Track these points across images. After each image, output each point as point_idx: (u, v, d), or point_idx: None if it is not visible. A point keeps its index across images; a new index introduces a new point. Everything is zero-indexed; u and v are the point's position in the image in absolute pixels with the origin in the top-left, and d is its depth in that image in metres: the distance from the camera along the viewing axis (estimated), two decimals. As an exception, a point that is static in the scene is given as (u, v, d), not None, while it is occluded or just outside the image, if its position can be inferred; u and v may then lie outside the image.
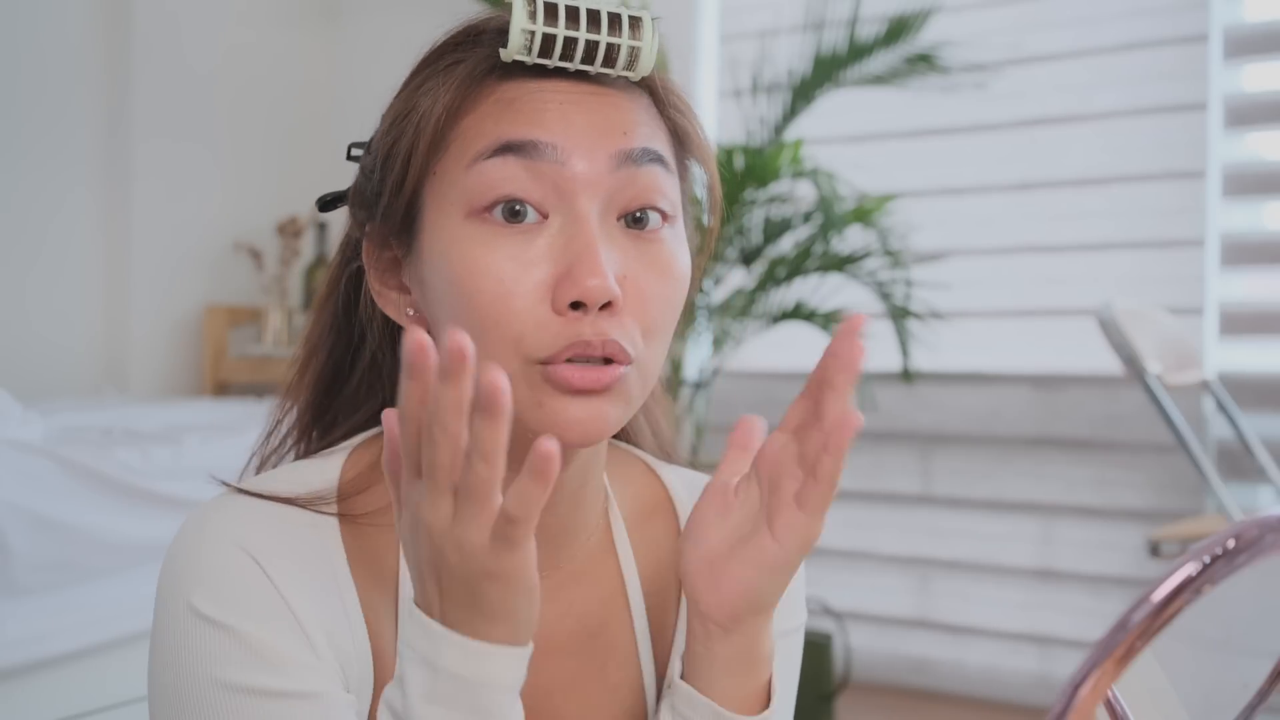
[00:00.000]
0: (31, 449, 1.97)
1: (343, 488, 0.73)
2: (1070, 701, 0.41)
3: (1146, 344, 2.05)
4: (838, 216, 2.69)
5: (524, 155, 0.66)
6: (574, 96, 0.68)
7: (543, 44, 0.66)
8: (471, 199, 0.67)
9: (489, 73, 0.69)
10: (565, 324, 0.65)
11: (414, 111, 0.69)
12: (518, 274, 0.65)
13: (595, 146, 0.67)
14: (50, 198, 3.14)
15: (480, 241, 0.66)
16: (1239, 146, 2.79)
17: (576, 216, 0.66)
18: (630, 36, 0.68)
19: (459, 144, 0.68)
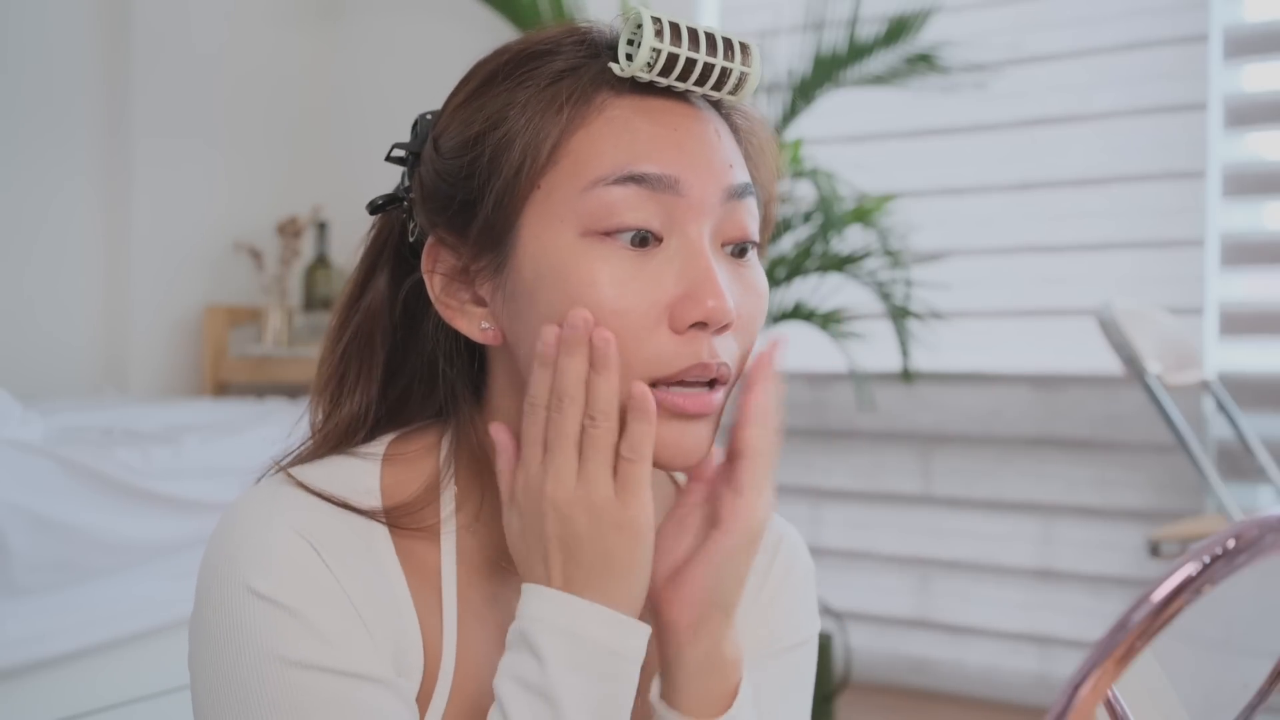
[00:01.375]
0: (31, 449, 1.97)
1: (387, 494, 0.74)
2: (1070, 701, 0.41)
3: (1146, 344, 2.05)
4: (838, 216, 2.69)
5: (647, 186, 0.67)
6: (684, 124, 0.70)
7: (665, 63, 0.68)
8: (590, 221, 0.67)
9: (600, 86, 0.69)
10: (684, 344, 0.68)
11: (516, 122, 0.69)
12: (639, 291, 0.67)
13: (709, 180, 0.69)
14: (50, 197, 3.14)
15: (600, 259, 0.67)
16: (1239, 146, 2.79)
17: (691, 241, 0.68)
18: (742, 62, 0.71)
19: (571, 161, 0.68)
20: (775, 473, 0.71)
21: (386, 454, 0.76)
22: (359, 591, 0.68)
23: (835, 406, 3.20)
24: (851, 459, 3.20)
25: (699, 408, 0.68)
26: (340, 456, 0.76)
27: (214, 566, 0.69)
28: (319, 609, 0.66)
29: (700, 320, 0.67)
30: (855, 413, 3.10)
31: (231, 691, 0.66)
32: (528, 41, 0.72)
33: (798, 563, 0.86)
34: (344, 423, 0.78)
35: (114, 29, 3.25)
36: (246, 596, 0.66)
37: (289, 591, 0.66)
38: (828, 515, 3.23)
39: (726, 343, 0.69)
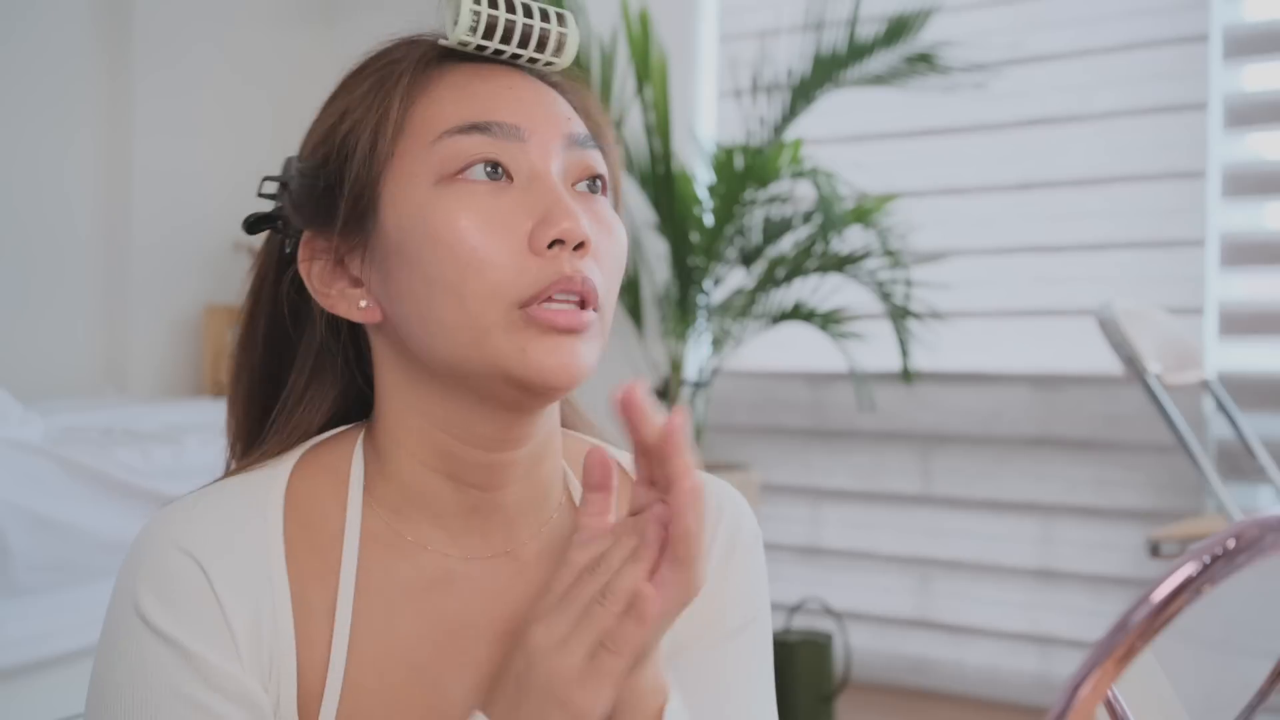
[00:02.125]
0: (31, 449, 1.97)
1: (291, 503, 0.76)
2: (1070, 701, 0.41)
3: (1146, 344, 2.05)
4: (838, 216, 2.69)
5: (490, 134, 0.72)
6: (521, 82, 0.75)
7: (486, 27, 0.73)
8: (442, 167, 0.71)
9: (434, 60, 0.75)
10: (546, 262, 0.70)
11: (362, 107, 0.74)
12: (496, 222, 0.70)
13: (549, 128, 0.73)
14: (51, 197, 3.14)
15: (455, 198, 0.71)
16: (1239, 146, 2.79)
17: (540, 175, 0.72)
18: (559, 25, 0.76)
19: (417, 124, 0.73)
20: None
21: (298, 461, 0.78)
22: (240, 609, 0.71)
23: (835, 406, 3.20)
24: (851, 459, 3.20)
25: (571, 322, 0.70)
26: (250, 470, 0.79)
27: (116, 583, 0.74)
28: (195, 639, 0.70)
29: (557, 238, 0.70)
30: (855, 413, 3.10)
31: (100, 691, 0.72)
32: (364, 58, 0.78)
33: (742, 535, 0.84)
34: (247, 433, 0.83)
35: (115, 29, 3.25)
36: (135, 620, 0.71)
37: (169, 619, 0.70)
38: (828, 515, 3.23)
39: (592, 263, 0.72)
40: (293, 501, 0.76)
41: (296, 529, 0.75)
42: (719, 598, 0.81)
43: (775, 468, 3.27)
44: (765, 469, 3.26)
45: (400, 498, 0.76)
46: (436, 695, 0.74)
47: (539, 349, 0.70)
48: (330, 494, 0.77)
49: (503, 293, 0.70)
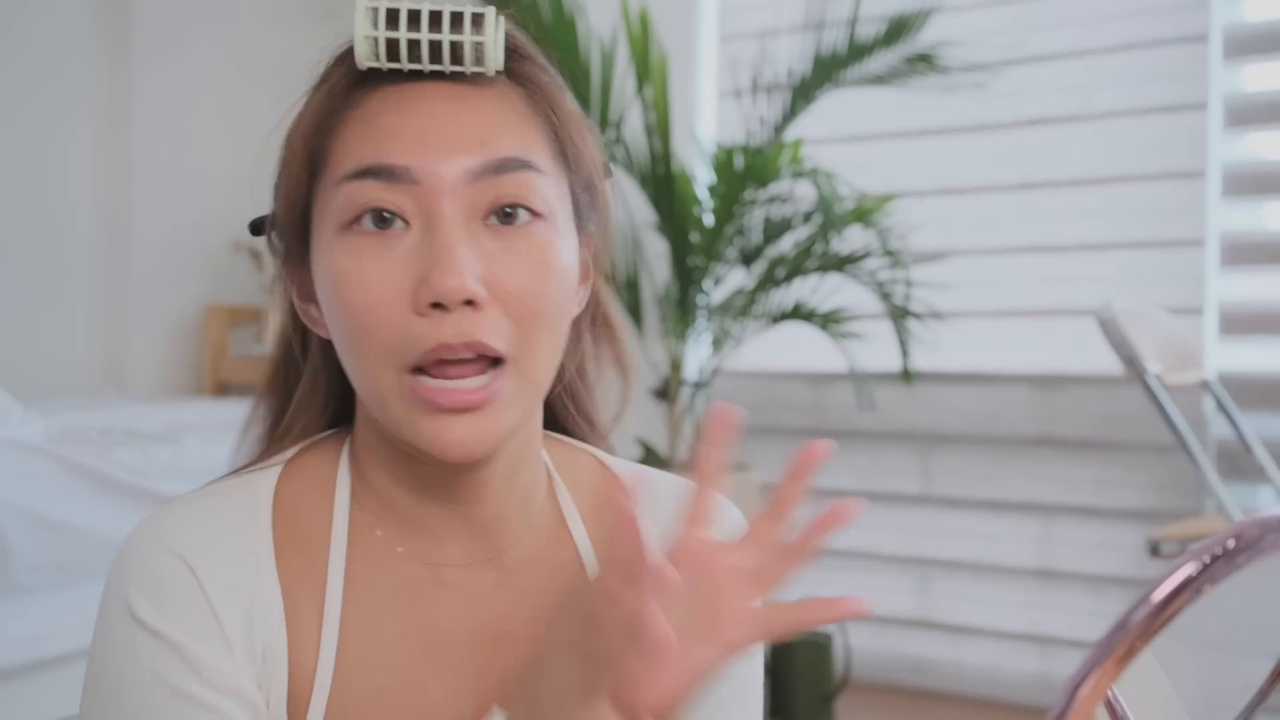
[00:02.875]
0: (31, 449, 1.97)
1: (280, 504, 0.76)
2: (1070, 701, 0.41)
3: (1146, 344, 2.05)
4: (838, 216, 2.69)
5: (380, 179, 0.68)
6: (435, 106, 0.70)
7: (389, 49, 0.70)
8: (340, 215, 0.69)
9: (353, 87, 0.72)
10: (428, 326, 0.67)
11: (292, 138, 0.74)
12: (382, 279, 0.68)
13: (449, 162, 0.68)
14: (50, 197, 3.14)
15: (348, 252, 0.69)
16: (1239, 146, 2.79)
17: (432, 220, 0.68)
18: (473, 32, 0.70)
19: (330, 164, 0.71)
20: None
21: (286, 465, 0.78)
22: (225, 605, 0.70)
23: (835, 406, 3.20)
24: (851, 459, 3.20)
25: (454, 402, 0.67)
26: (241, 473, 0.79)
27: (107, 584, 0.73)
28: (188, 635, 0.69)
29: (435, 300, 0.66)
30: (855, 413, 3.10)
31: (95, 694, 0.71)
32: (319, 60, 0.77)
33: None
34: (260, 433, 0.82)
35: (114, 28, 3.25)
36: (124, 615, 0.70)
37: (157, 615, 0.69)
38: (828, 515, 3.23)
39: (488, 318, 0.67)
40: (281, 505, 0.76)
41: (285, 533, 0.75)
42: None
43: (775, 468, 3.26)
44: (765, 469, 3.26)
45: (379, 505, 0.77)
46: (421, 699, 0.74)
47: (428, 426, 0.68)
48: (317, 499, 0.77)
49: (391, 358, 0.68)
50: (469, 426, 0.68)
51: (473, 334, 0.66)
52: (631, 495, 0.63)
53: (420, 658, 0.75)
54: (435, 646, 0.75)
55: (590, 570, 0.80)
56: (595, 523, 0.82)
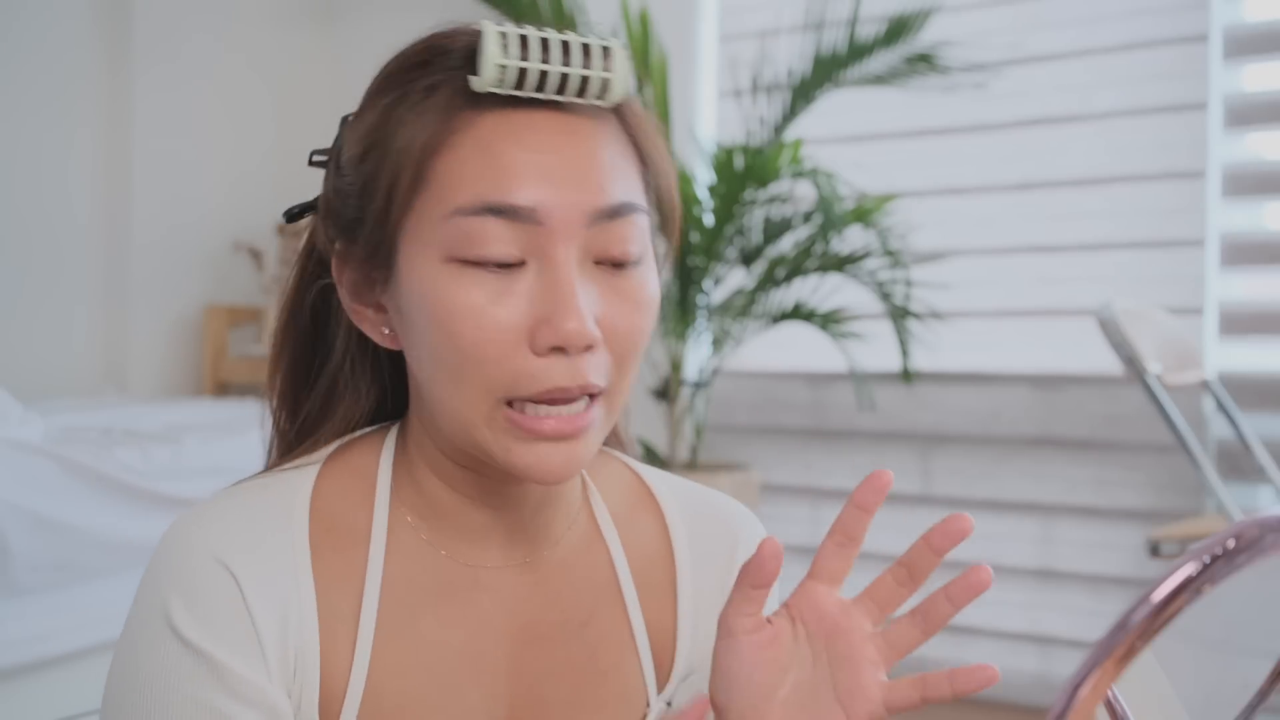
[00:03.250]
0: (31, 449, 1.97)
1: (317, 507, 0.75)
2: (1070, 701, 0.41)
3: (1146, 344, 2.05)
4: (838, 216, 2.69)
5: (506, 217, 0.67)
6: (552, 143, 0.69)
7: (516, 76, 0.67)
8: (451, 247, 0.68)
9: (464, 103, 0.69)
10: (544, 366, 0.67)
11: (390, 143, 0.70)
12: (497, 316, 0.67)
13: (573, 206, 0.68)
14: (50, 197, 3.14)
15: (459, 284, 0.68)
16: (1239, 146, 2.79)
17: (553, 263, 0.68)
18: (603, 67, 0.69)
19: (438, 185, 0.69)
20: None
21: (326, 462, 0.78)
22: (269, 617, 0.70)
23: (835, 406, 3.20)
24: (851, 459, 3.20)
25: (563, 430, 0.68)
26: (280, 469, 0.78)
27: (142, 591, 0.72)
28: (227, 652, 0.69)
29: (558, 345, 0.67)
30: (855, 413, 3.10)
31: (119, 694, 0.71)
32: (405, 53, 0.73)
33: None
34: (287, 430, 0.80)
35: (115, 29, 3.25)
36: (161, 623, 0.70)
37: (202, 631, 0.69)
38: (827, 515, 3.23)
39: (597, 360, 0.69)
40: (319, 503, 0.75)
41: (322, 531, 0.75)
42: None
43: (775, 468, 3.27)
44: (765, 469, 3.26)
45: (425, 506, 0.77)
46: (455, 700, 0.75)
47: (524, 452, 0.69)
48: (359, 497, 0.76)
49: (494, 390, 0.68)
50: (564, 453, 0.69)
51: (585, 377, 0.68)
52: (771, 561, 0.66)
53: (455, 659, 0.75)
54: (470, 648, 0.76)
55: (621, 574, 0.80)
56: (627, 526, 0.83)
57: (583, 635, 0.79)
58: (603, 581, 0.80)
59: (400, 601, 0.75)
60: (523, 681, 0.76)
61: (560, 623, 0.78)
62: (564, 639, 0.78)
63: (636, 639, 0.80)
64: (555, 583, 0.79)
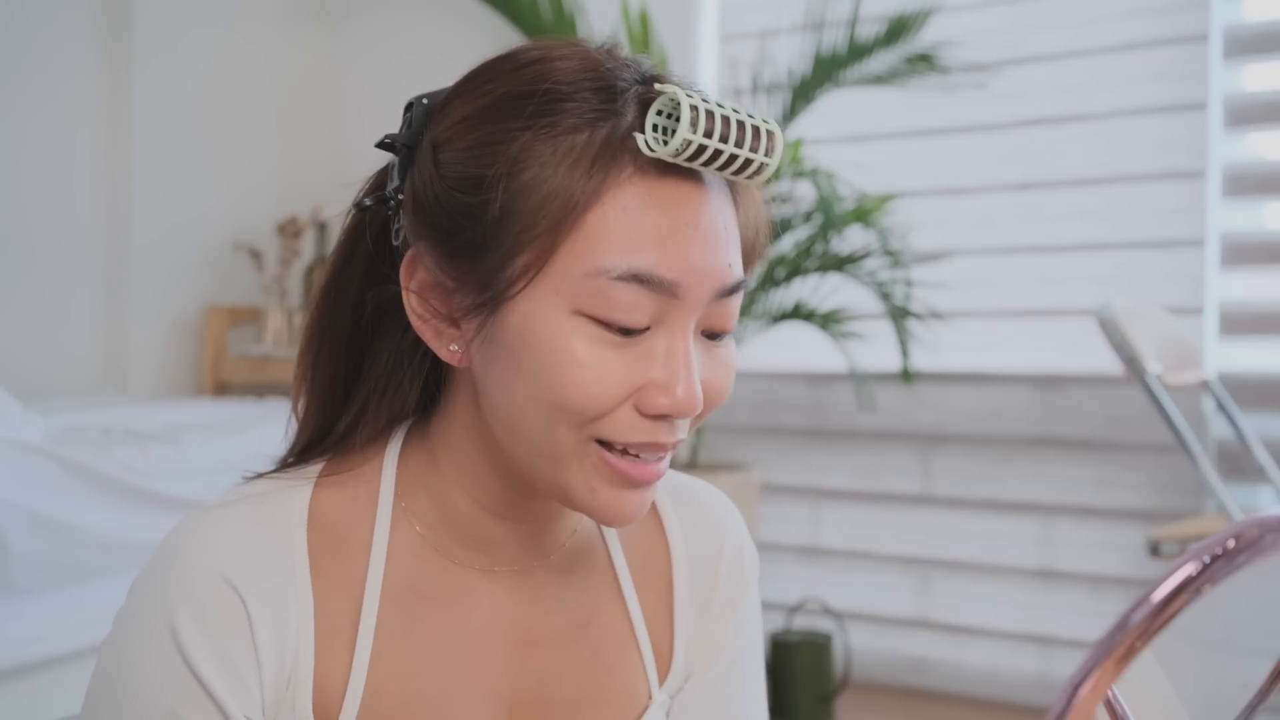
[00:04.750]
0: (31, 449, 1.97)
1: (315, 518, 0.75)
2: (1070, 701, 0.41)
3: (1146, 344, 2.05)
4: (838, 216, 2.69)
5: (647, 288, 0.67)
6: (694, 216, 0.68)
7: (693, 154, 0.66)
8: (586, 304, 0.67)
9: (622, 159, 0.67)
10: (647, 424, 0.69)
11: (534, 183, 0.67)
12: (616, 376, 0.68)
13: (706, 283, 0.69)
14: (50, 197, 3.14)
15: (585, 338, 0.67)
16: (1239, 146, 2.79)
17: (678, 331, 0.69)
18: (765, 152, 0.69)
19: (584, 239, 0.67)
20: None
21: (328, 466, 0.77)
22: (269, 633, 0.70)
23: (835, 406, 3.20)
24: (851, 459, 3.20)
25: (645, 475, 0.70)
26: (284, 474, 0.77)
27: (141, 593, 0.72)
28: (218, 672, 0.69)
29: (668, 413, 0.68)
30: (855, 413, 3.10)
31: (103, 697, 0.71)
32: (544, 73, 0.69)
33: (745, 561, 0.86)
34: (312, 431, 0.78)
35: (114, 30, 3.25)
36: (164, 635, 0.69)
37: (201, 647, 0.69)
38: (828, 515, 3.23)
39: (687, 424, 0.71)
40: (320, 511, 0.75)
41: (323, 538, 0.74)
42: (726, 623, 0.84)
43: (775, 468, 3.27)
44: (765, 469, 3.26)
45: (437, 515, 0.76)
46: (455, 703, 0.75)
47: (607, 495, 0.70)
48: (361, 503, 0.76)
49: (590, 432, 0.68)
50: (641, 499, 0.71)
51: (679, 435, 0.70)
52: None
53: (456, 662, 0.75)
54: (471, 651, 0.76)
55: (620, 571, 0.81)
56: (629, 530, 0.83)
57: (585, 634, 0.79)
58: (603, 580, 0.81)
59: (401, 606, 0.75)
60: (525, 682, 0.77)
61: (563, 623, 0.78)
62: (567, 639, 0.78)
63: (637, 635, 0.81)
64: (557, 584, 0.79)
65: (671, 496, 0.86)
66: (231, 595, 0.70)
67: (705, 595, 0.83)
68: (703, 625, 0.83)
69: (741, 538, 0.87)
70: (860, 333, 2.87)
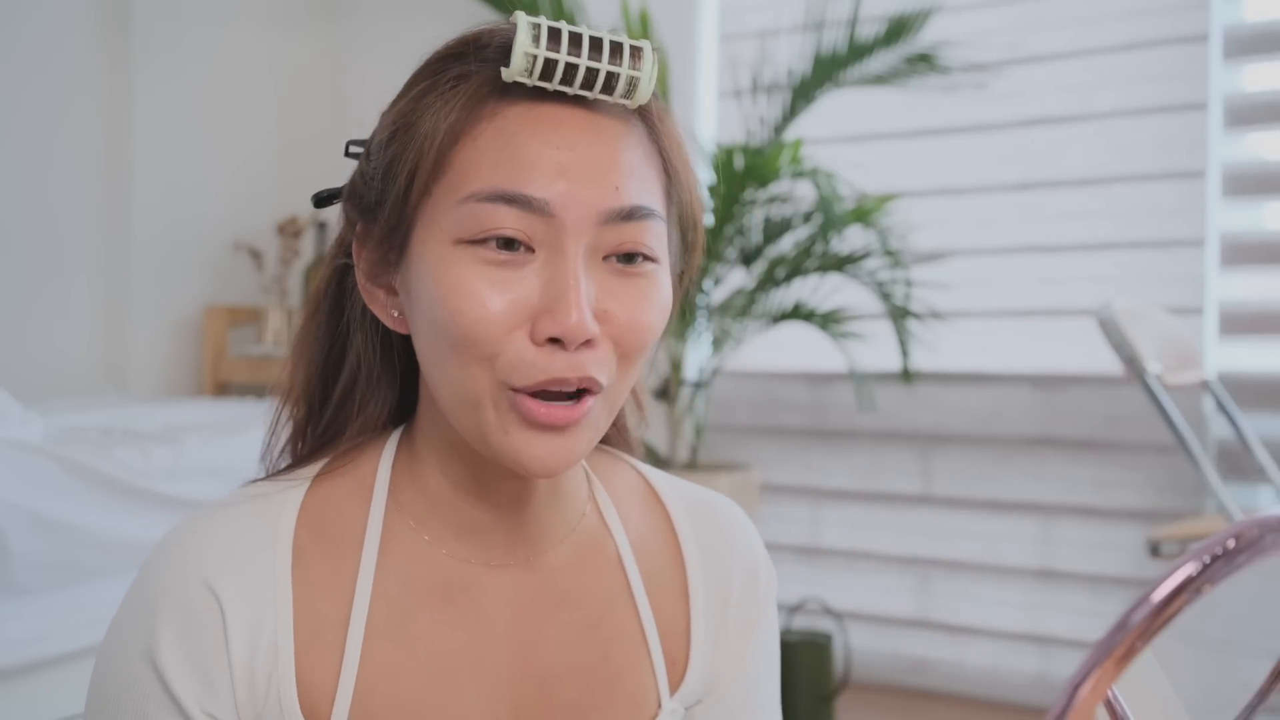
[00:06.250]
0: (31, 449, 1.97)
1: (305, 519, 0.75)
2: (1070, 701, 0.41)
3: (1146, 344, 2.05)
4: (838, 216, 2.69)
5: (516, 206, 0.68)
6: (572, 139, 0.69)
7: (544, 68, 0.68)
8: (461, 230, 0.68)
9: (490, 93, 0.70)
10: (542, 356, 0.68)
11: (416, 128, 0.70)
12: (500, 300, 0.68)
13: (586, 203, 0.68)
14: (51, 197, 3.14)
15: (467, 265, 0.68)
16: (1239, 146, 2.79)
17: (561, 254, 0.68)
18: (631, 66, 0.69)
19: (456, 171, 0.69)
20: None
21: (324, 468, 0.78)
22: (242, 638, 0.71)
23: (835, 406, 3.20)
24: (851, 459, 3.20)
25: (554, 419, 0.68)
26: (280, 477, 0.78)
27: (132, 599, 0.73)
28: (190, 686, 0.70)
29: (555, 336, 0.67)
30: (855, 413, 3.10)
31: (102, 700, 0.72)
32: (456, 40, 0.73)
33: (761, 573, 0.86)
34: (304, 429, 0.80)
35: (115, 30, 3.25)
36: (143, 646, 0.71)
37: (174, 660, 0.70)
38: (828, 515, 3.24)
39: (598, 355, 0.69)
40: (312, 510, 0.76)
41: (311, 537, 0.75)
42: (746, 641, 0.84)
43: (775, 468, 3.27)
44: (765, 469, 3.26)
45: (425, 506, 0.77)
46: (454, 700, 0.74)
47: (521, 438, 0.69)
48: (354, 501, 0.76)
49: (495, 372, 0.68)
50: (555, 444, 0.69)
51: (585, 370, 0.68)
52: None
53: (453, 659, 0.75)
54: (470, 648, 0.75)
55: (631, 574, 0.81)
56: (635, 527, 0.83)
57: (593, 637, 0.78)
58: (612, 582, 0.80)
59: (394, 602, 0.74)
60: (529, 683, 0.76)
61: (569, 624, 0.78)
62: (574, 640, 0.78)
63: (648, 640, 0.80)
64: (562, 583, 0.78)
65: (688, 510, 0.85)
66: (209, 597, 0.71)
67: (721, 610, 0.83)
68: (722, 641, 0.82)
69: (758, 554, 0.86)
70: (860, 333, 2.87)
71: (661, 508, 0.85)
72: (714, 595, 0.83)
